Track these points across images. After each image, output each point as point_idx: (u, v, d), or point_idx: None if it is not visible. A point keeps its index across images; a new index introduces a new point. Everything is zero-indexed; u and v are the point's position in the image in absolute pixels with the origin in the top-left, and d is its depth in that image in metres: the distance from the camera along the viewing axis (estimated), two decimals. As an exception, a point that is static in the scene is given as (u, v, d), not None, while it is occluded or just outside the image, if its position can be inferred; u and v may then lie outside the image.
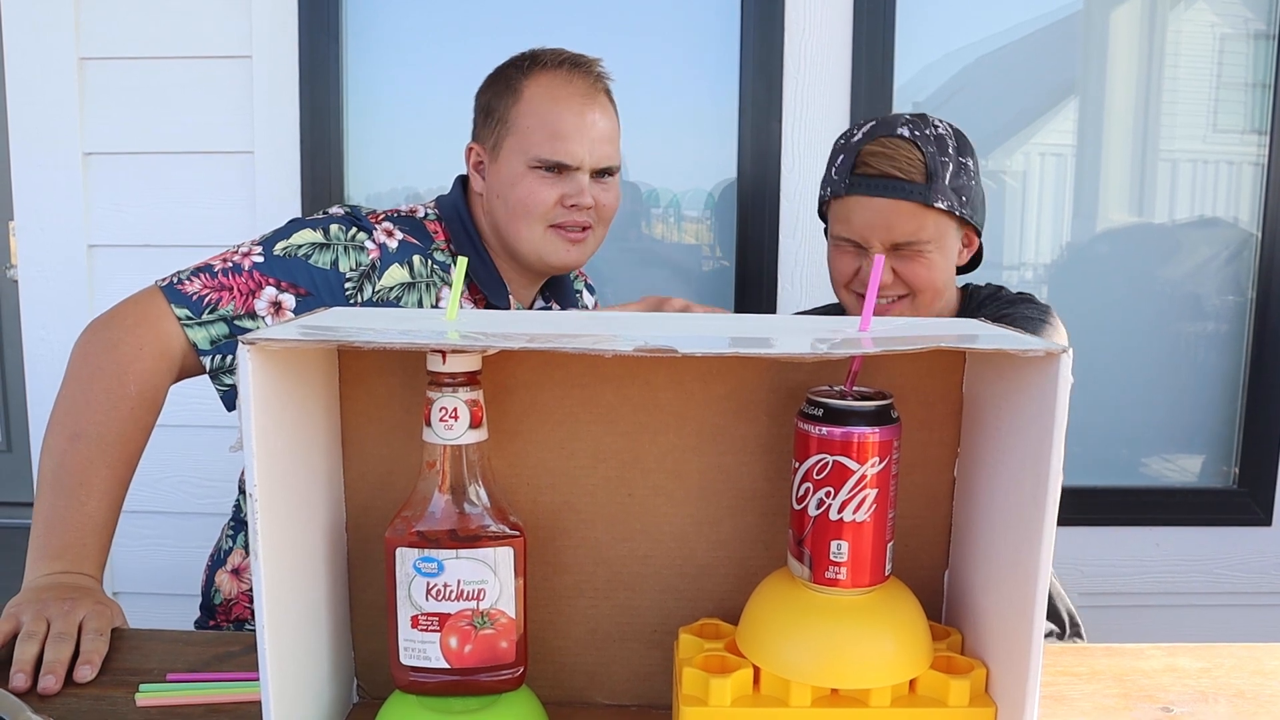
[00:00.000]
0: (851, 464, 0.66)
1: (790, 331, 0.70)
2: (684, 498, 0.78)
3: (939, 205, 1.28)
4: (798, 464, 0.68)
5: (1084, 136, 2.20)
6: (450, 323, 0.69)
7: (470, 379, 0.67)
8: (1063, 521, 0.60)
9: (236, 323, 1.18)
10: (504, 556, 0.68)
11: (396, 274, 1.26)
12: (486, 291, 1.34)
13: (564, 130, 1.30)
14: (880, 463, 0.66)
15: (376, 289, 1.24)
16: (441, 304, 1.30)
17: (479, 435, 0.68)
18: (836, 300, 1.46)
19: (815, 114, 2.00)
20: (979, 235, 1.39)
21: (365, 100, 2.08)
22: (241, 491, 1.42)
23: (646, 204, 2.11)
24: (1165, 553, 2.20)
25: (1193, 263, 2.22)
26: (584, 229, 1.34)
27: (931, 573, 0.80)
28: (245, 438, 0.60)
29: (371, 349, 0.73)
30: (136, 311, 1.17)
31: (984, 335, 0.65)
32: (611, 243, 1.60)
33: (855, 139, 1.33)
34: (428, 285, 1.29)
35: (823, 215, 1.43)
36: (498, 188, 1.33)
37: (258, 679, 0.63)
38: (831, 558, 0.67)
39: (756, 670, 0.70)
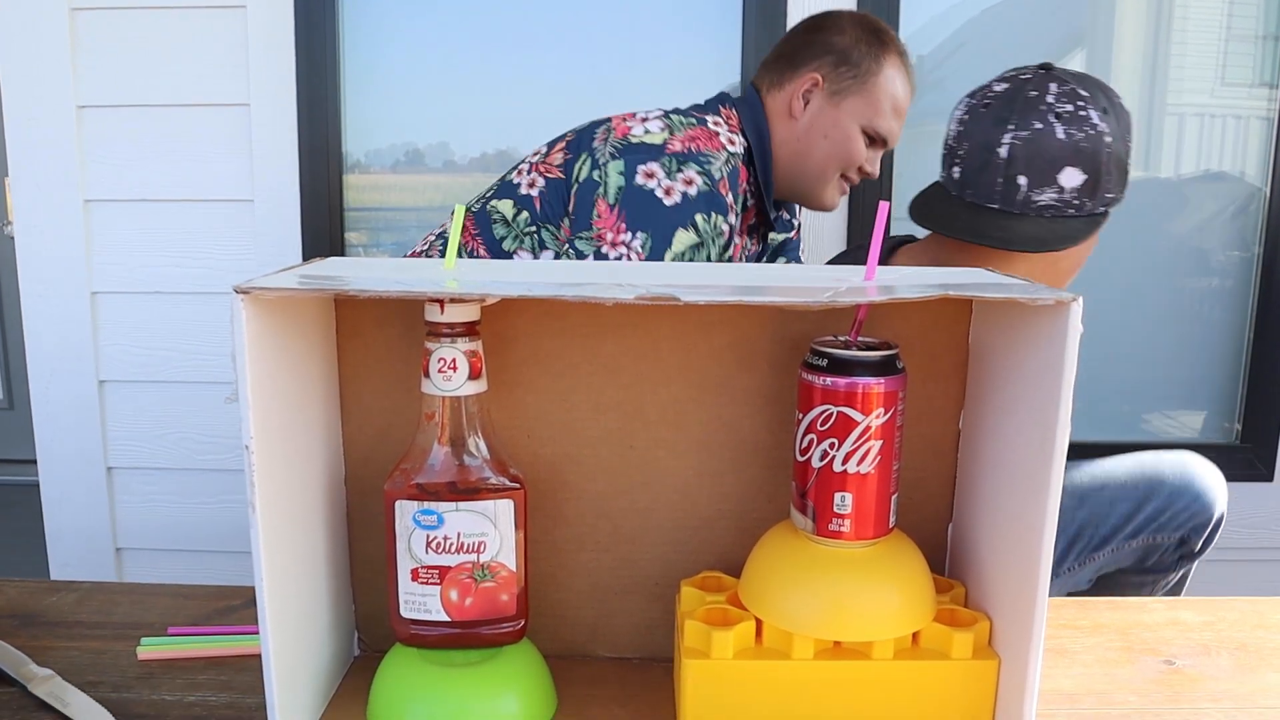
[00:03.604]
0: (856, 415, 0.65)
1: (794, 280, 0.69)
2: (686, 450, 0.78)
3: None
4: (801, 415, 0.67)
5: (1091, 90, 2.17)
6: (448, 271, 0.67)
7: (469, 329, 0.66)
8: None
9: None
10: (504, 509, 0.67)
11: (733, 241, 1.41)
12: (760, 210, 1.50)
13: (900, 113, 1.49)
14: (885, 414, 0.65)
15: (722, 257, 1.38)
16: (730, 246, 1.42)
17: (478, 386, 0.67)
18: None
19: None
20: None
21: (362, 51, 2.05)
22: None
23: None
24: (1167, 508, 2.20)
25: (1199, 218, 2.20)
26: (851, 186, 1.54)
27: (935, 525, 0.79)
28: (240, 389, 0.59)
29: (369, 299, 0.72)
30: None
31: (992, 283, 0.64)
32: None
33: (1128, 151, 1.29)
34: (730, 245, 1.40)
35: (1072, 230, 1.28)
36: (824, 128, 1.47)
37: (258, 632, 0.63)
38: (835, 510, 0.67)
39: (759, 623, 0.69)
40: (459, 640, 0.69)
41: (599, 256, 1.32)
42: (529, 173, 1.43)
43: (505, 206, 1.42)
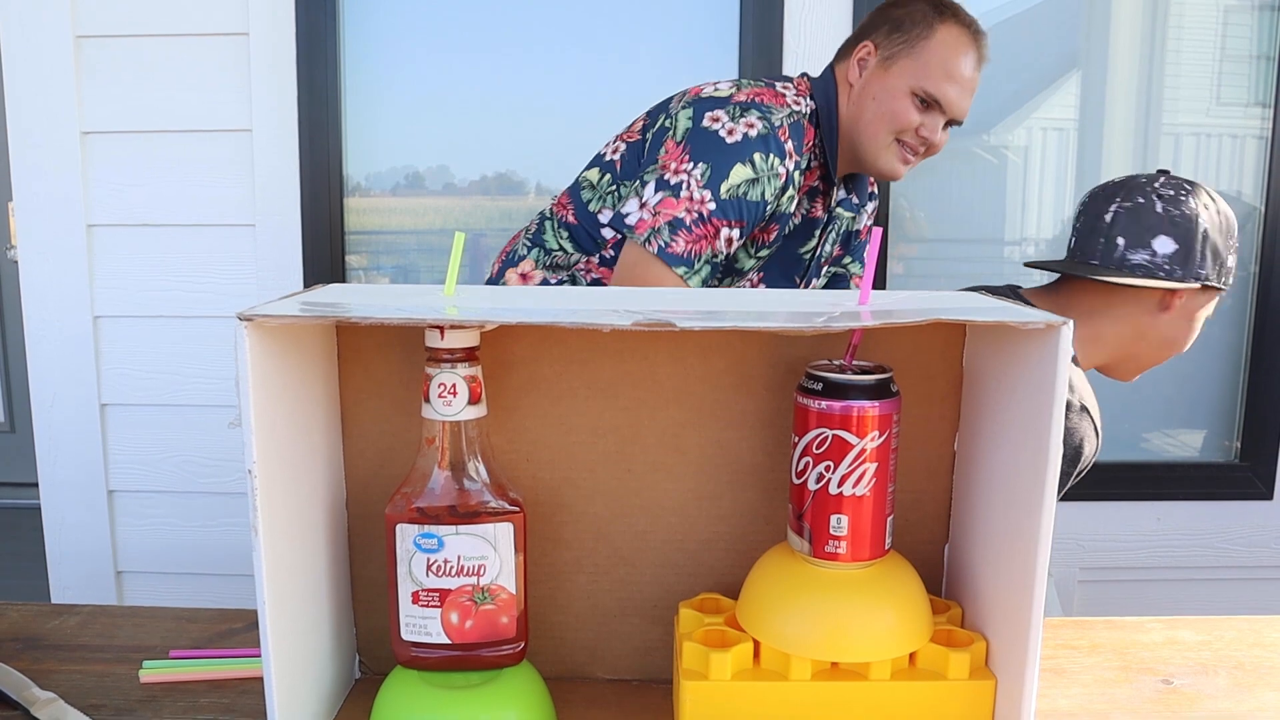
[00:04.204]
0: (851, 438, 0.66)
1: (789, 305, 0.70)
2: (683, 473, 0.78)
3: None
4: (797, 438, 0.68)
5: (1087, 111, 2.19)
6: (448, 298, 0.68)
7: (469, 354, 0.66)
8: (1064, 496, 0.60)
9: (713, 260, 1.43)
10: (504, 532, 0.68)
11: (789, 191, 1.46)
12: (823, 173, 1.54)
13: (954, 77, 1.49)
14: (880, 436, 0.66)
15: (780, 203, 1.46)
16: (792, 206, 1.49)
17: (478, 411, 0.67)
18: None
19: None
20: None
21: (363, 76, 2.07)
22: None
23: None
24: (1166, 527, 2.20)
25: (1195, 237, 2.21)
26: (916, 154, 1.53)
27: (931, 546, 0.80)
28: (244, 414, 0.60)
29: (370, 325, 0.73)
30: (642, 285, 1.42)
31: (984, 307, 0.65)
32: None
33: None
34: (793, 195, 1.48)
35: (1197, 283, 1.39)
36: (874, 90, 1.51)
37: (260, 655, 0.63)
38: (831, 532, 0.67)
39: (756, 644, 0.70)
40: (459, 662, 0.70)
41: (660, 185, 1.41)
42: (614, 142, 1.56)
43: (593, 174, 1.55)
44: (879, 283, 2.08)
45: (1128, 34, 2.16)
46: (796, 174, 1.46)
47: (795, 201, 1.49)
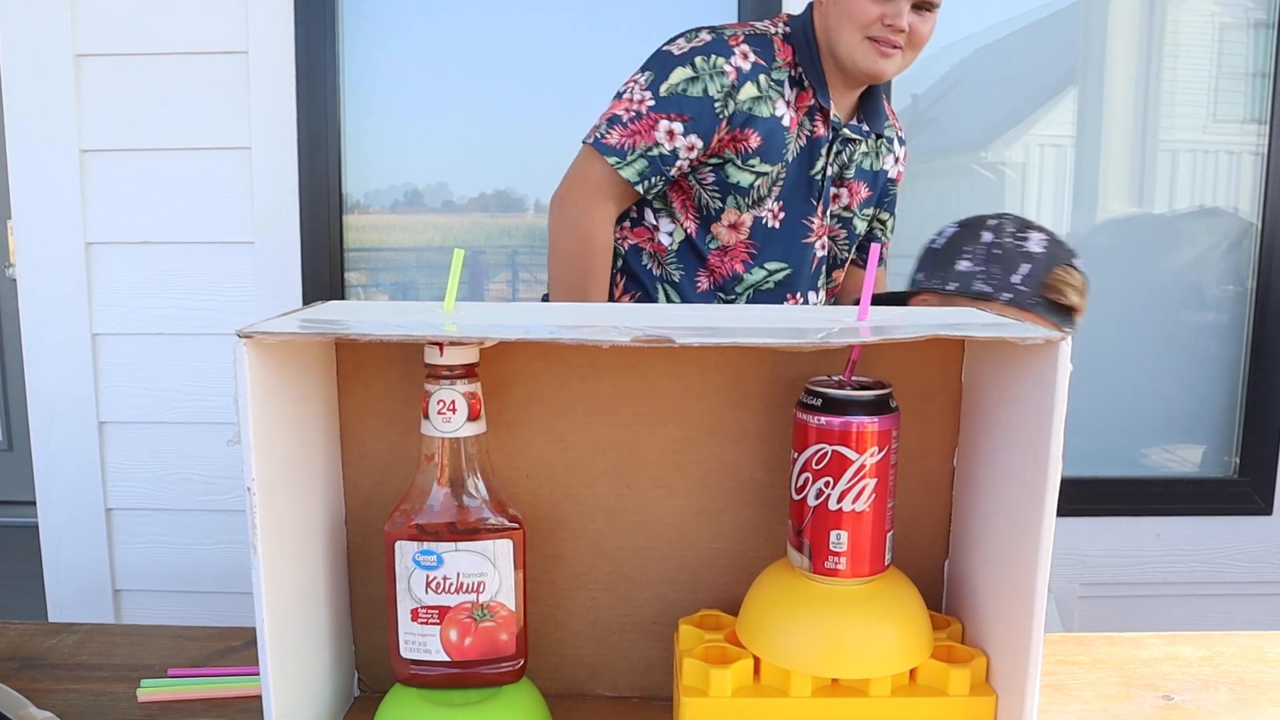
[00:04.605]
0: (850, 454, 0.66)
1: (788, 321, 0.70)
2: (683, 489, 0.78)
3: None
4: (796, 454, 0.68)
5: (1084, 127, 2.19)
6: (447, 315, 0.68)
7: (468, 371, 0.67)
8: (1064, 512, 0.60)
9: (649, 153, 1.48)
10: (503, 549, 0.68)
11: (749, 90, 1.48)
12: (815, 90, 1.54)
13: None
14: (879, 452, 0.66)
15: (738, 102, 1.48)
16: (776, 115, 1.51)
17: (477, 428, 0.68)
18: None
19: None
20: None
21: (362, 95, 2.08)
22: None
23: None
24: (1166, 543, 2.20)
25: (1193, 253, 2.22)
26: (895, 47, 1.50)
27: (931, 562, 0.80)
28: (243, 431, 0.60)
29: (369, 342, 0.73)
30: (580, 180, 1.52)
31: (983, 323, 0.65)
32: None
33: (1035, 250, 1.32)
34: (768, 99, 1.50)
35: (919, 285, 1.38)
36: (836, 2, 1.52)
37: (259, 674, 0.63)
38: (831, 548, 0.67)
39: (757, 661, 0.70)
40: (459, 680, 0.69)
41: (614, 97, 1.51)
42: None
43: None
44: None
45: (1124, 51, 2.17)
46: (763, 78, 1.48)
47: (774, 107, 1.50)
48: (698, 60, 1.48)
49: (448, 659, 0.68)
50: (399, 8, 2.06)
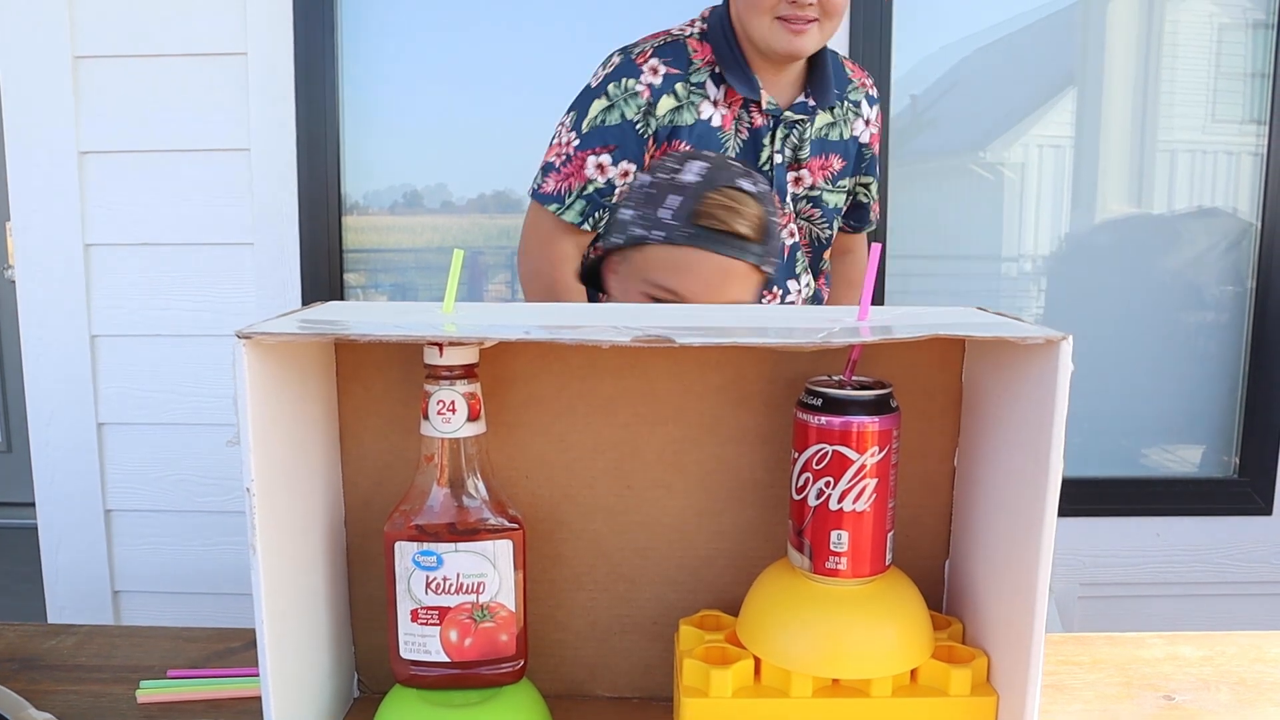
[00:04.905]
0: (851, 453, 0.66)
1: (788, 321, 0.70)
2: (683, 489, 0.78)
3: (767, 269, 1.23)
4: (797, 454, 0.68)
5: (1083, 128, 2.19)
6: (447, 315, 0.68)
7: (467, 372, 0.66)
8: (1064, 512, 0.60)
9: (584, 193, 1.50)
10: (503, 549, 0.68)
11: (666, 103, 1.48)
12: (736, 85, 1.51)
13: None
14: (880, 452, 0.66)
15: (657, 118, 1.48)
16: (703, 118, 1.50)
17: (477, 428, 0.67)
18: None
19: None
20: None
21: (361, 97, 2.08)
22: None
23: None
24: (1166, 543, 2.20)
25: (1192, 253, 2.22)
26: (808, 21, 1.47)
27: (932, 562, 0.80)
28: (242, 432, 0.60)
29: (369, 342, 0.73)
30: (532, 231, 1.57)
31: (983, 323, 0.65)
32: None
33: (687, 179, 1.21)
34: (690, 105, 1.50)
35: (607, 253, 1.30)
36: None
37: (258, 675, 0.63)
38: (832, 548, 0.67)
39: (757, 661, 0.70)
40: (459, 681, 0.69)
41: (549, 143, 1.54)
42: None
43: None
44: (878, 298, 2.09)
45: (1123, 51, 2.17)
46: (679, 86, 1.48)
47: (698, 111, 1.49)
48: (610, 87, 1.49)
49: (447, 660, 0.68)
50: (398, 9, 2.06)
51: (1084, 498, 2.17)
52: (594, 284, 1.44)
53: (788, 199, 1.58)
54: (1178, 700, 0.85)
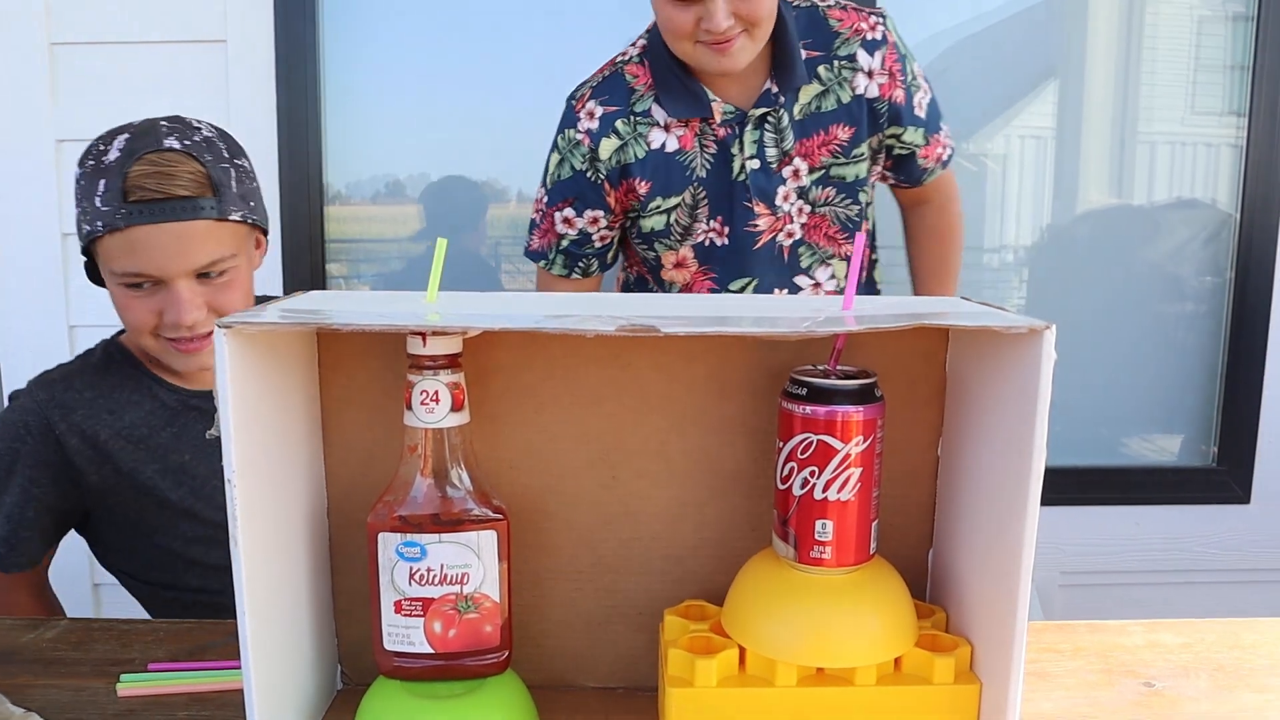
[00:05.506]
0: (836, 443, 0.66)
1: (773, 310, 0.70)
2: (668, 479, 0.78)
3: (234, 218, 1.16)
4: (782, 444, 0.68)
5: (1064, 119, 2.20)
6: (430, 305, 0.68)
7: (451, 361, 0.66)
8: (1045, 501, 0.60)
9: (561, 247, 1.57)
10: (487, 540, 0.67)
11: (608, 145, 1.48)
12: (677, 109, 1.48)
13: None
14: (864, 441, 0.66)
15: (604, 162, 1.49)
16: (655, 146, 1.49)
17: (460, 418, 0.67)
18: None
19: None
20: (266, 235, 1.29)
21: (343, 85, 2.06)
22: None
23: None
24: (1146, 531, 2.22)
25: (1172, 244, 2.24)
26: (728, 40, 1.39)
27: (916, 551, 0.80)
28: (223, 423, 0.59)
29: (351, 332, 0.72)
30: (539, 283, 1.65)
31: (967, 312, 0.65)
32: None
33: (111, 158, 1.13)
34: (636, 138, 1.49)
35: (88, 252, 1.20)
36: (655, 14, 1.45)
37: (240, 667, 0.62)
38: (816, 537, 0.67)
39: (742, 650, 0.70)
40: (443, 672, 0.69)
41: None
42: None
43: None
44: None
45: (1104, 43, 2.18)
46: (620, 124, 1.48)
47: (647, 143, 1.48)
48: (559, 140, 1.52)
49: (431, 651, 0.68)
50: (379, -3, 2.05)
51: (1064, 487, 2.18)
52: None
53: (779, 199, 1.49)
54: (1158, 687, 0.86)
